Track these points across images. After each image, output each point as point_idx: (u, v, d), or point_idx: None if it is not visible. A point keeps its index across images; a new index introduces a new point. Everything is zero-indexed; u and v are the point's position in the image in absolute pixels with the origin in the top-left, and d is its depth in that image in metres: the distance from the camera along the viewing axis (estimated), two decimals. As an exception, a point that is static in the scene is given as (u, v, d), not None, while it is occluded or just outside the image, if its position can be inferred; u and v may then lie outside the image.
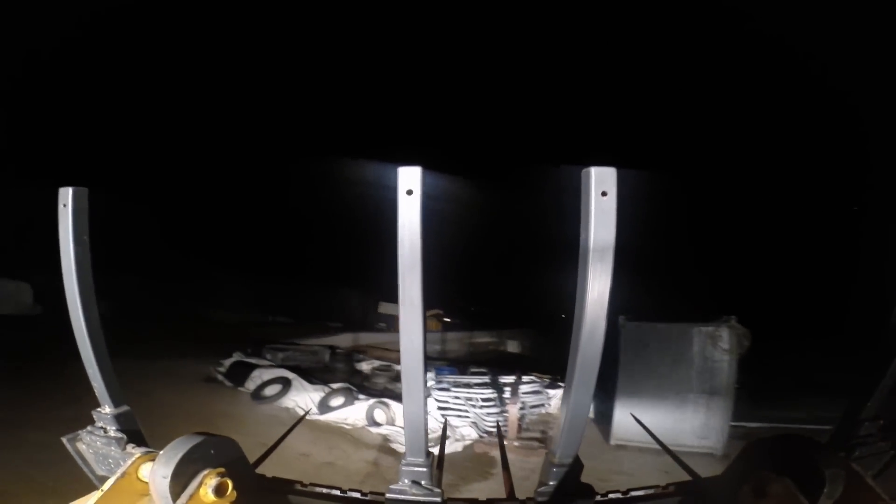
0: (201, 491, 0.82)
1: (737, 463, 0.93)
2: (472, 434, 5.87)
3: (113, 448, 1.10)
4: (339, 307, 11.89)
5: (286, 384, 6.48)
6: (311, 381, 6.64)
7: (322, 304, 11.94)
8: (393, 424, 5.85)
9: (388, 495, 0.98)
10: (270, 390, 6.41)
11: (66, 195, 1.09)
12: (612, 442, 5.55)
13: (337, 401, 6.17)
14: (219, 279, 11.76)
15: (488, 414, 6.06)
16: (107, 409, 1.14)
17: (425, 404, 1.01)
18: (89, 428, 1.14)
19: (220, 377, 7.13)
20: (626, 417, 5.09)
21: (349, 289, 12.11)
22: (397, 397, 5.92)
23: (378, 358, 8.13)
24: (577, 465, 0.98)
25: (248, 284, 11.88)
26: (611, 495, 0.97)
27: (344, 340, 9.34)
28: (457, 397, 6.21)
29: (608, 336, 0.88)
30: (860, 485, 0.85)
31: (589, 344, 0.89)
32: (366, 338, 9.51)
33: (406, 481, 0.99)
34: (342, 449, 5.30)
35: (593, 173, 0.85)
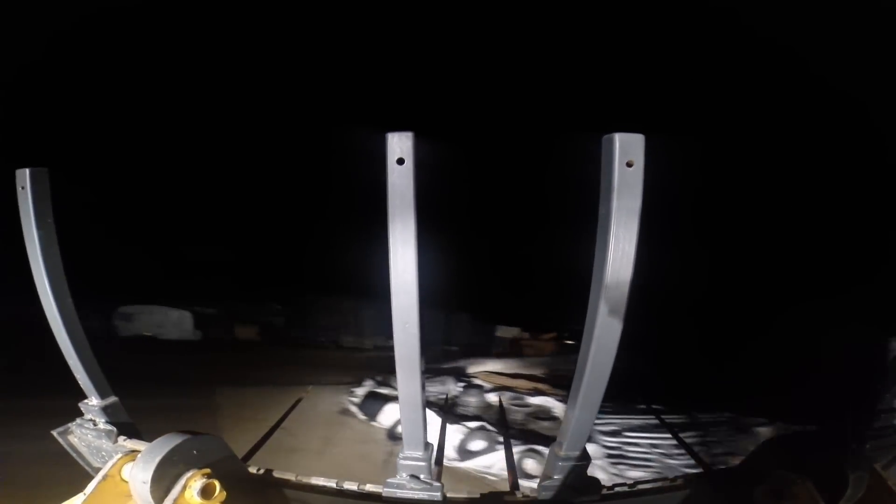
0: (186, 494, 0.78)
1: (754, 458, 0.88)
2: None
3: (104, 441, 1.07)
4: (456, 330, 11.79)
5: (421, 423, 6.20)
6: (445, 420, 6.20)
7: (437, 327, 11.65)
8: (548, 479, 5.26)
9: (385, 490, 0.94)
10: (405, 429, 6.17)
11: (24, 177, 0.99)
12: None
13: (476, 444, 5.40)
14: (347, 303, 11.91)
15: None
16: (93, 400, 1.10)
17: (422, 393, 0.95)
18: (79, 420, 1.10)
19: (354, 409, 6.79)
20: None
21: (464, 312, 11.94)
22: (545, 440, 5.20)
23: (503, 387, 7.34)
24: (583, 459, 0.93)
25: (370, 308, 12.00)
26: (617, 489, 0.93)
27: (463, 366, 9.03)
28: (633, 444, 4.94)
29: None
30: (881, 486, 0.80)
31: (605, 332, 0.81)
32: (485, 363, 9.27)
33: (404, 475, 0.95)
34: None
35: (617, 140, 0.74)
